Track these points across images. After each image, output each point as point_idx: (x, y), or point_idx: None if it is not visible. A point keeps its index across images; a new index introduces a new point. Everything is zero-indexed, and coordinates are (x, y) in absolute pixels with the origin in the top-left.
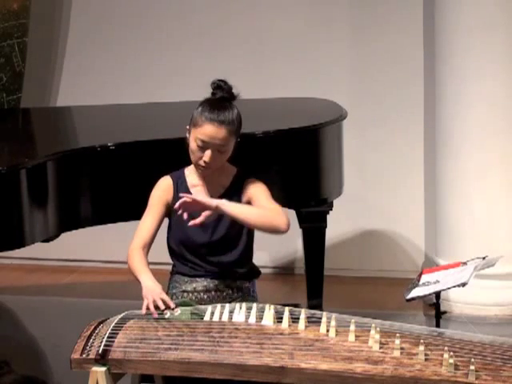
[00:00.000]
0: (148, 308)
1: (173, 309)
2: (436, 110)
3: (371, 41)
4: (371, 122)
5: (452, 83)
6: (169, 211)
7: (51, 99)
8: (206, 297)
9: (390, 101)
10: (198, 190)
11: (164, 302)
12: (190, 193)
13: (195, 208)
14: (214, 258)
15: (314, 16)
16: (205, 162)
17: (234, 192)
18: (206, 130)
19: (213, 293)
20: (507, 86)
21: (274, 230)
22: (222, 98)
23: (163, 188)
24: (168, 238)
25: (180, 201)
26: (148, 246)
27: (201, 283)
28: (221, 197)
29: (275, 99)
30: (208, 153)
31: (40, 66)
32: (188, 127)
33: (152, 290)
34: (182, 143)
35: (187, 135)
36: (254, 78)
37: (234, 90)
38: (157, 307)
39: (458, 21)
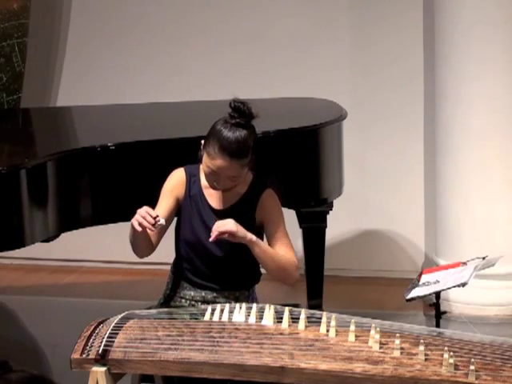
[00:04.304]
0: (141, 225)
1: (156, 218)
2: (436, 109)
3: (371, 41)
4: (371, 121)
5: (452, 83)
6: (179, 206)
7: (51, 99)
8: (203, 307)
9: (390, 101)
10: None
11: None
12: (202, 194)
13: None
14: (221, 262)
15: (314, 16)
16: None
17: (249, 201)
18: (217, 163)
19: (210, 304)
20: (507, 85)
21: (282, 281)
22: (237, 124)
23: (175, 182)
24: (175, 236)
25: (214, 235)
26: (156, 236)
27: (199, 293)
28: (235, 205)
29: (275, 99)
30: (219, 181)
31: (40, 65)
32: (203, 142)
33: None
34: (183, 143)
35: (201, 148)
36: (254, 78)
37: (253, 110)
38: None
39: (458, 20)
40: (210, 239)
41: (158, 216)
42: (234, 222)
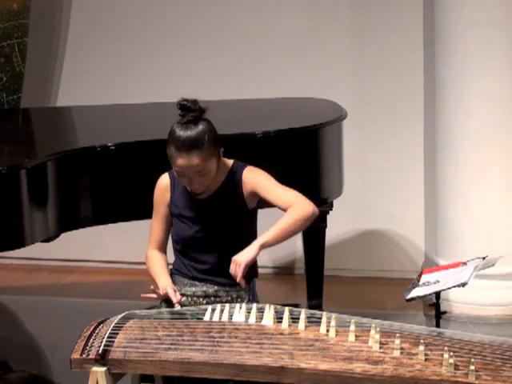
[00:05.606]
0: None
1: (174, 304)
2: (436, 109)
3: (371, 41)
4: (371, 121)
5: (452, 83)
6: (170, 209)
7: (51, 99)
8: (205, 302)
9: (390, 101)
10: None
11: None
12: (186, 190)
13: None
14: (219, 254)
15: (314, 16)
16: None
17: (231, 183)
18: (178, 163)
19: (212, 298)
20: (507, 85)
21: (310, 221)
22: (187, 122)
23: (161, 188)
24: (172, 237)
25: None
26: (162, 246)
27: (200, 288)
28: (218, 190)
29: (275, 99)
30: (191, 181)
31: (40, 66)
32: (167, 150)
33: (163, 286)
34: None
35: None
36: (253, 78)
37: (201, 105)
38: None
39: (458, 21)
40: (243, 286)
41: (178, 302)
42: (237, 256)
